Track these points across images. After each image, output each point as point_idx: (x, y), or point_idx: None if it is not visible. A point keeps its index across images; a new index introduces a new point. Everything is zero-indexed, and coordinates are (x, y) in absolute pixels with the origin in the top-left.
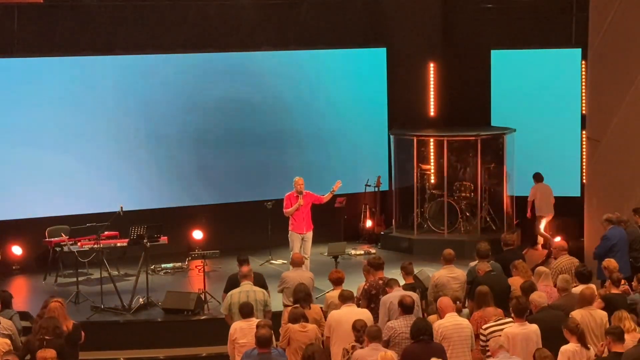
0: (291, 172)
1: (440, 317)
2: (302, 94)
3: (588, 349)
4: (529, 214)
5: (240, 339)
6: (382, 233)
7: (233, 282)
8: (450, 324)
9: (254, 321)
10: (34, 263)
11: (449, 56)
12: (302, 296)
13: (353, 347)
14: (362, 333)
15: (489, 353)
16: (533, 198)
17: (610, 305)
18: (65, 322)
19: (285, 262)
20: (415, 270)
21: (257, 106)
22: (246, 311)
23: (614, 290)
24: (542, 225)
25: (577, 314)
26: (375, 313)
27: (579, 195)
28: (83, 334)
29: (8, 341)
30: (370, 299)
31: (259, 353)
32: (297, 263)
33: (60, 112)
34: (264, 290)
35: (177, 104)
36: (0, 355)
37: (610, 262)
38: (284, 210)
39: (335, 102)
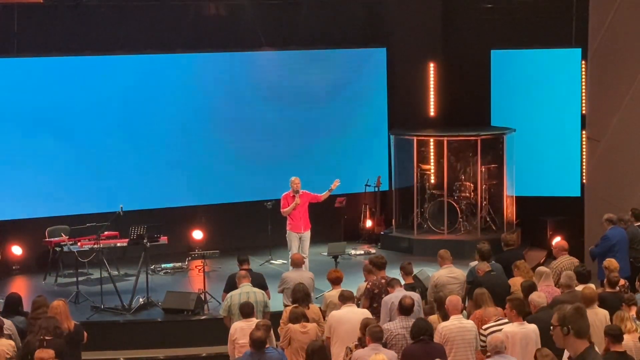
0: (291, 172)
1: (448, 315)
2: (302, 93)
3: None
4: None
5: (241, 339)
6: (382, 233)
7: (233, 282)
8: (455, 327)
9: (254, 321)
10: (34, 263)
11: (449, 56)
12: (300, 296)
13: (357, 347)
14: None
15: (488, 354)
16: None
17: (605, 304)
18: (67, 322)
19: (285, 262)
20: (415, 270)
21: (257, 106)
22: (247, 311)
23: (609, 290)
24: None
25: None
26: (377, 313)
27: (579, 195)
28: (86, 334)
29: (12, 343)
30: (372, 298)
31: (251, 353)
32: (297, 263)
33: (60, 112)
34: (263, 292)
35: (177, 104)
36: (4, 358)
37: (611, 262)
38: (281, 210)
39: (336, 102)
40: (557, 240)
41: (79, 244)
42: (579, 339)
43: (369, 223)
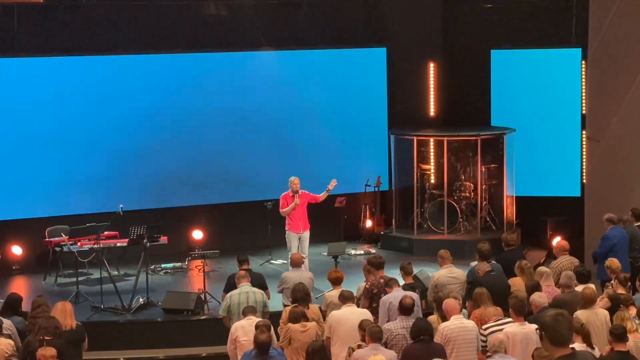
0: (291, 172)
1: (446, 317)
2: (302, 93)
3: (593, 348)
4: None
5: (242, 337)
6: (382, 233)
7: (233, 282)
8: (455, 326)
9: (254, 319)
10: (34, 263)
11: (449, 56)
12: (300, 296)
13: (359, 346)
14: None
15: (489, 354)
16: None
17: (618, 304)
18: (71, 321)
19: (285, 262)
20: (415, 270)
21: (257, 106)
22: (250, 309)
23: (620, 290)
24: None
25: (582, 315)
26: (377, 312)
27: (579, 195)
28: (86, 342)
29: (11, 342)
30: (371, 298)
31: (255, 354)
32: (296, 263)
33: (60, 112)
34: (262, 292)
35: (177, 104)
36: (3, 357)
37: (613, 262)
38: (281, 210)
39: (335, 102)
40: (557, 240)
41: (79, 244)
42: (554, 346)
43: (369, 223)
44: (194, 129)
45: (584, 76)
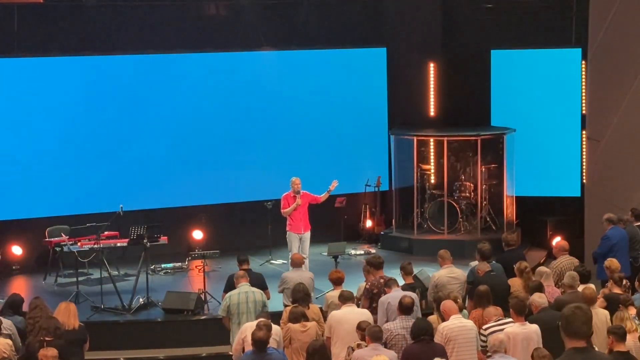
0: (291, 172)
1: (445, 319)
2: (302, 94)
3: (593, 348)
4: None
5: (250, 337)
6: (382, 233)
7: (233, 282)
8: (455, 326)
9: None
10: (34, 263)
11: (449, 56)
12: (300, 296)
13: (359, 346)
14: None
15: (489, 354)
16: None
17: (613, 304)
18: (74, 322)
19: (285, 262)
20: (415, 270)
21: (257, 106)
22: (264, 315)
23: (616, 290)
24: None
25: None
26: (377, 312)
27: (579, 195)
28: (87, 343)
29: (10, 342)
30: (372, 298)
31: (253, 352)
32: (297, 263)
33: (60, 112)
34: (261, 292)
35: (177, 104)
36: (1, 356)
37: (612, 262)
38: (282, 210)
39: (335, 102)
40: (557, 240)
41: (79, 244)
42: (567, 337)
43: (369, 223)
44: (194, 129)
45: (584, 76)
